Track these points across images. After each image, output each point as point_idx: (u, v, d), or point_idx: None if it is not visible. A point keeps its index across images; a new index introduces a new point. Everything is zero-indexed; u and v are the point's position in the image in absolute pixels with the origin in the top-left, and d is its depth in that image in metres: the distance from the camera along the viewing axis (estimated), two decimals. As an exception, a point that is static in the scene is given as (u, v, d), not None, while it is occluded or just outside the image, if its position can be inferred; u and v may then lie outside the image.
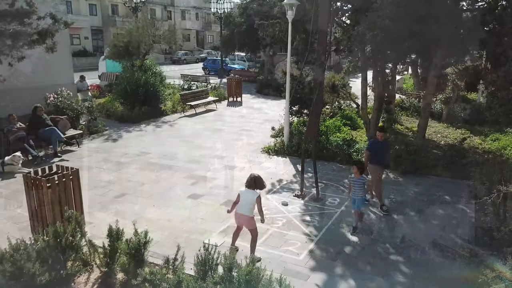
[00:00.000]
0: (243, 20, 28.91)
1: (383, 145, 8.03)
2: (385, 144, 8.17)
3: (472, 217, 7.55)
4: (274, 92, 22.93)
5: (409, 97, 20.53)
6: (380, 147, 7.93)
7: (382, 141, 7.99)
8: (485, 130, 15.26)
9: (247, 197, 5.97)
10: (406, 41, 9.54)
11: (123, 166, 10.45)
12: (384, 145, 8.13)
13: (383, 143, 8.05)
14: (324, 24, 7.74)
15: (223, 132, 14.24)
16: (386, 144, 8.35)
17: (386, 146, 8.33)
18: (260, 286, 4.55)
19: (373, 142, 8.19)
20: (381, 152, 7.92)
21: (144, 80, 16.29)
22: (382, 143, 8.00)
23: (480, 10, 9.24)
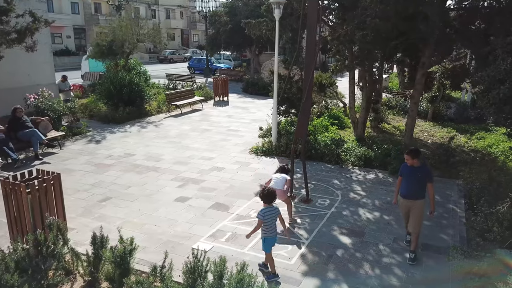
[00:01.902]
0: (228, 19, 28.65)
1: (411, 172, 6.08)
2: (415, 171, 6.03)
3: (463, 217, 7.51)
4: (261, 91, 22.76)
5: (395, 96, 20.64)
6: (409, 173, 6.12)
7: (411, 166, 6.08)
8: (471, 129, 15.41)
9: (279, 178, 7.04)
10: (395, 40, 9.49)
11: (107, 168, 10.16)
12: (414, 172, 6.04)
13: (414, 169, 6.06)
14: (313, 23, 7.61)
15: (210, 133, 14.02)
16: (418, 170, 6.02)
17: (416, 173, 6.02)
18: (252, 294, 4.39)
19: (403, 165, 6.27)
20: (408, 179, 6.10)
21: (128, 80, 15.94)
22: (411, 168, 6.09)
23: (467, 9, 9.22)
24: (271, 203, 5.57)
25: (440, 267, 5.83)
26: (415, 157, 6.03)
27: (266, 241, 5.53)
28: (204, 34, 66.99)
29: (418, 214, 6.01)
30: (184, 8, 61.19)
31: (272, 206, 5.59)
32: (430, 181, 6.04)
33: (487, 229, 5.87)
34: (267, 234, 5.50)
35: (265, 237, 5.54)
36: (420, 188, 6.04)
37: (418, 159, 6.04)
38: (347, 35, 9.44)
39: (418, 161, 6.04)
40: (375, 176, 9.82)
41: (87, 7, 47.41)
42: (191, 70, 35.11)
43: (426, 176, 6.02)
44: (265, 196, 5.55)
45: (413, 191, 6.07)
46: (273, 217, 5.53)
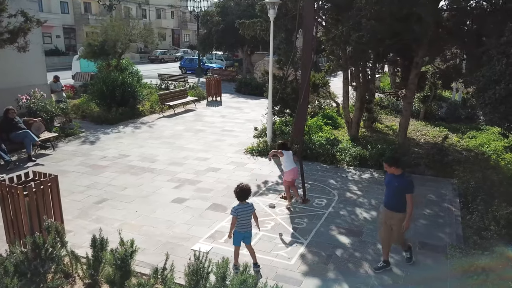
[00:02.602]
0: (220, 19, 28.59)
1: (390, 180, 5.71)
2: (393, 180, 5.65)
3: (458, 215, 7.61)
4: (253, 91, 22.78)
5: (387, 95, 20.80)
6: (388, 181, 5.77)
7: (392, 175, 5.69)
8: (462, 128, 15.60)
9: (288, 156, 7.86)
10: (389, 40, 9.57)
11: (102, 169, 10.08)
12: (392, 181, 5.67)
13: (393, 178, 5.67)
14: (309, 23, 7.63)
15: (205, 133, 13.99)
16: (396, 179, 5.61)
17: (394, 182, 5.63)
18: (256, 295, 4.39)
19: (386, 172, 5.87)
20: (388, 188, 5.80)
21: (121, 80, 15.82)
22: (391, 176, 5.72)
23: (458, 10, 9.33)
24: (244, 200, 5.71)
25: (439, 265, 5.89)
26: (392, 165, 5.60)
27: (235, 234, 5.70)
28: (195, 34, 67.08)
29: (398, 230, 5.62)
30: (175, 8, 60.90)
31: (246, 203, 5.71)
32: (409, 191, 5.50)
33: (484, 228, 5.95)
34: (237, 229, 5.66)
35: (235, 231, 5.68)
36: (398, 200, 5.58)
37: (396, 167, 5.58)
38: (343, 35, 9.49)
39: (397, 169, 5.58)
40: (371, 176, 9.89)
41: (77, 6, 46.96)
42: (183, 70, 34.96)
43: (403, 186, 5.51)
44: (239, 193, 5.67)
45: (391, 201, 5.69)
46: (247, 214, 5.66)
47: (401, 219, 5.60)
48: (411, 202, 5.55)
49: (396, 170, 5.61)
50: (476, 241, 5.75)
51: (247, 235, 5.75)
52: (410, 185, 5.56)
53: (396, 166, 5.60)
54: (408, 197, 5.53)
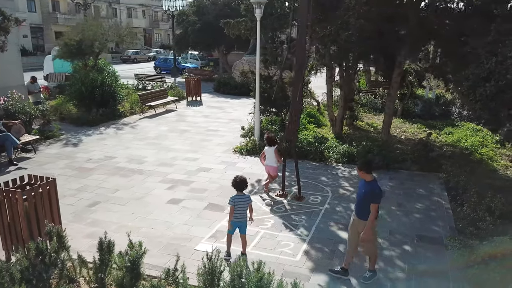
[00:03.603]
0: (197, 19, 28.37)
1: (360, 185, 5.55)
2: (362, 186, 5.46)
3: (449, 208, 7.91)
4: (233, 91, 22.76)
5: (364, 94, 21.25)
6: (359, 186, 5.61)
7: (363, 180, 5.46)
8: (438, 124, 16.14)
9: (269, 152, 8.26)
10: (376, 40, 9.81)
11: (90, 172, 9.85)
12: (361, 186, 5.50)
13: (363, 184, 5.44)
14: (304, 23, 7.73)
15: (190, 133, 13.88)
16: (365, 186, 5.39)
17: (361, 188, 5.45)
18: (273, 292, 4.43)
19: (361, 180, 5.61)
20: (357, 194, 5.65)
21: (100, 81, 15.47)
22: (361, 181, 5.53)
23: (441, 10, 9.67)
24: (242, 191, 5.98)
25: (438, 257, 6.12)
26: (361, 169, 5.38)
27: (232, 224, 5.94)
28: (167, 34, 66.27)
29: (365, 237, 5.32)
30: (146, 7, 59.92)
31: (243, 194, 5.98)
32: (374, 201, 5.21)
33: (478, 219, 6.22)
34: (234, 219, 5.89)
35: (232, 221, 5.92)
36: (362, 207, 5.34)
37: (365, 171, 5.32)
38: (331, 35, 9.65)
39: (366, 175, 5.33)
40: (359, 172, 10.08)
41: (45, 5, 45.42)
42: (158, 70, 34.46)
43: (369, 195, 5.23)
44: (237, 184, 5.94)
45: (357, 207, 5.48)
46: (243, 205, 5.91)
47: (363, 228, 5.34)
48: (373, 212, 5.24)
49: (365, 175, 5.35)
50: (472, 231, 6.00)
51: (242, 225, 6.01)
52: (375, 195, 5.24)
53: (365, 170, 5.34)
54: (372, 207, 5.23)
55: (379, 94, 20.16)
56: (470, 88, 6.94)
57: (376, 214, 5.34)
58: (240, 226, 6.01)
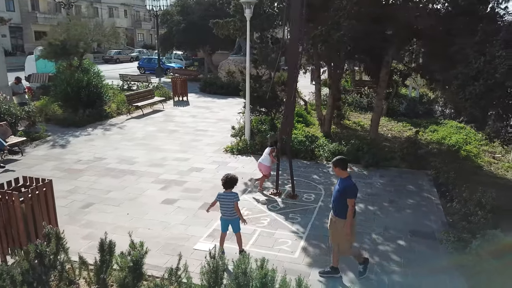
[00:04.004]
0: (181, 18, 28.22)
1: (337, 183, 5.59)
2: (338, 182, 5.53)
3: (439, 204, 8.12)
4: (219, 91, 22.74)
5: (350, 93, 21.51)
6: (336, 185, 5.60)
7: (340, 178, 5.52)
8: (423, 122, 16.48)
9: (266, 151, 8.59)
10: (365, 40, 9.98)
11: (80, 173, 9.73)
12: (337, 183, 5.56)
13: (339, 181, 5.52)
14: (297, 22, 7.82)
15: (179, 133, 13.83)
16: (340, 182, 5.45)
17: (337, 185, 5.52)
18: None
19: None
20: (333, 192, 5.64)
21: (86, 81, 15.28)
22: (339, 180, 5.55)
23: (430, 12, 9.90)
24: (229, 189, 6.02)
25: (432, 251, 6.29)
26: (336, 166, 5.42)
27: (221, 220, 6.09)
28: (149, 33, 65.60)
29: (338, 235, 5.44)
30: (128, 7, 59.21)
31: (230, 192, 6.00)
32: (348, 196, 5.25)
33: (470, 213, 6.41)
34: (222, 216, 6.03)
35: (220, 217, 6.08)
36: (339, 204, 5.36)
37: (341, 168, 5.37)
38: (322, 35, 9.78)
39: (341, 171, 5.39)
40: (350, 170, 10.24)
41: (24, 4, 44.42)
42: (141, 70, 34.14)
43: (343, 190, 5.29)
44: (225, 182, 6.03)
45: (333, 205, 5.52)
46: (227, 202, 5.94)
47: (342, 225, 5.36)
48: (351, 208, 5.24)
49: (341, 172, 5.39)
50: (464, 226, 6.18)
51: (231, 223, 6.02)
52: (349, 190, 5.26)
53: (340, 167, 5.38)
54: (348, 202, 5.24)
55: (364, 93, 20.47)
56: (459, 87, 7.15)
57: (354, 210, 5.33)
58: (230, 224, 6.04)
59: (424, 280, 5.52)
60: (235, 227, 6.06)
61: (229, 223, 6.04)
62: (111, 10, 55.81)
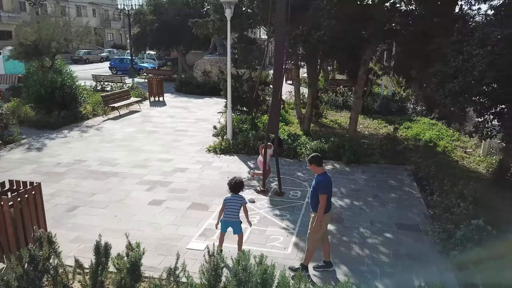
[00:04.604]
0: (155, 18, 27.87)
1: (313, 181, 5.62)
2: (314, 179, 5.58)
3: (420, 197, 8.44)
4: (195, 90, 22.64)
5: (325, 92, 21.89)
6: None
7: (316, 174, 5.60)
8: (397, 119, 16.98)
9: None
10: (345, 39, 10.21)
11: (61, 176, 9.51)
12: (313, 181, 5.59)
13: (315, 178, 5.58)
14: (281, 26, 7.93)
15: (158, 134, 13.70)
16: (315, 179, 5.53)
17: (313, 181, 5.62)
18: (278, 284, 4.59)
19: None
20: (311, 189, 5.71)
21: (60, 82, 14.89)
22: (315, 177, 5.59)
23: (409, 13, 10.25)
24: (235, 192, 6.08)
25: (418, 242, 6.55)
26: (311, 163, 5.54)
27: (221, 222, 6.05)
28: (119, 33, 64.30)
29: (310, 228, 5.54)
30: (97, 6, 57.82)
31: (237, 196, 6.05)
32: (320, 191, 5.36)
33: (452, 205, 6.72)
34: (223, 217, 5.99)
35: (221, 219, 6.03)
36: (313, 200, 5.50)
37: (316, 165, 5.50)
38: (303, 34, 9.94)
39: (316, 168, 5.51)
40: (333, 167, 10.48)
41: (-15, 2, 42.63)
42: (113, 70, 33.43)
43: (317, 186, 5.41)
44: (231, 186, 6.10)
45: (311, 201, 5.64)
46: (234, 205, 5.96)
47: (314, 219, 5.47)
48: (322, 203, 5.32)
49: (316, 168, 5.51)
50: (448, 217, 6.47)
51: (233, 225, 6.02)
52: (321, 185, 5.36)
53: (315, 164, 5.51)
54: (320, 198, 5.33)
55: (340, 92, 20.88)
56: (438, 84, 7.46)
57: (325, 206, 5.37)
58: (231, 226, 6.04)
59: (413, 270, 5.75)
60: (236, 229, 6.06)
61: (229, 225, 6.01)
62: (79, 9, 54.32)
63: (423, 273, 5.62)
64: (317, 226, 5.44)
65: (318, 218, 5.40)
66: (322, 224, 5.49)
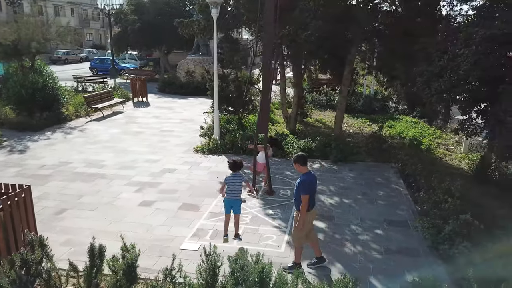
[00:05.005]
0: (136, 18, 27.55)
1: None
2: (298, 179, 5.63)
3: (407, 194, 8.62)
4: (179, 90, 22.51)
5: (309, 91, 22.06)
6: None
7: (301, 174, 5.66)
8: (380, 118, 17.26)
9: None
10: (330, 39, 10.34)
11: (46, 179, 9.33)
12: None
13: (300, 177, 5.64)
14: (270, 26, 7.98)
15: (145, 135, 13.58)
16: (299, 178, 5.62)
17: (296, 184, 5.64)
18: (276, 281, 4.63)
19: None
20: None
21: (41, 83, 14.61)
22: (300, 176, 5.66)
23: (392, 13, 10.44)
24: (235, 171, 6.43)
25: (408, 237, 6.69)
26: (295, 163, 5.61)
27: (225, 203, 6.41)
28: (98, 33, 63.26)
29: (296, 226, 5.58)
30: (75, 5, 56.75)
31: (237, 174, 6.42)
32: (301, 191, 5.42)
33: (439, 201, 6.89)
34: (226, 197, 6.36)
35: (224, 199, 6.39)
36: (297, 200, 5.55)
37: (300, 164, 5.56)
38: (290, 35, 10.02)
39: (300, 167, 5.57)
40: (320, 166, 10.60)
41: (-43, 1, 41.31)
42: (94, 71, 32.93)
43: (298, 186, 5.49)
44: (231, 165, 6.47)
45: (295, 200, 5.70)
46: (236, 183, 6.34)
47: (297, 218, 5.56)
48: (303, 203, 5.39)
49: (300, 168, 5.58)
50: (436, 213, 6.63)
51: (234, 203, 6.38)
52: (302, 185, 5.41)
53: (299, 163, 5.56)
54: (302, 198, 5.39)
55: (323, 92, 21.09)
56: (424, 83, 7.64)
57: (307, 205, 5.41)
58: (233, 205, 6.37)
59: (405, 265, 5.88)
60: (236, 208, 6.39)
61: (232, 204, 6.35)
62: (57, 9, 53.18)
63: (415, 268, 5.75)
64: (299, 225, 5.54)
65: (301, 217, 5.50)
66: (305, 222, 5.57)
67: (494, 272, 4.53)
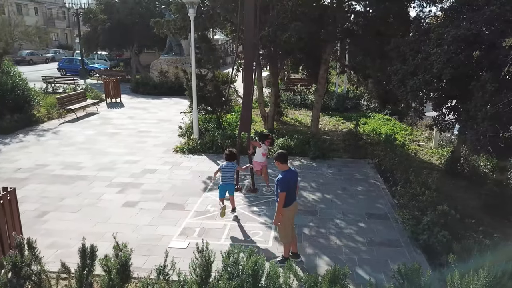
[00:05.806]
0: (106, 17, 27.03)
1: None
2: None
3: (385, 188, 8.97)
4: (152, 91, 22.31)
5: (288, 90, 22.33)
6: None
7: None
8: (353, 116, 17.73)
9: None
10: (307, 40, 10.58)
11: (24, 182, 9.11)
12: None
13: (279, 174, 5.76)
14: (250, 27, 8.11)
15: (121, 136, 13.41)
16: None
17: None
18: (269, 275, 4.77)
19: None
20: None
21: (11, 84, 14.18)
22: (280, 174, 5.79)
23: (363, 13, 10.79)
24: (230, 160, 7.29)
25: (389, 229, 6.99)
26: (276, 160, 5.77)
27: (220, 187, 7.27)
28: (64, 33, 61.51)
29: (275, 222, 5.81)
30: (38, 4, 54.93)
31: (230, 163, 7.27)
32: (280, 189, 5.57)
33: (417, 194, 7.23)
34: (221, 183, 7.21)
35: (220, 185, 7.28)
36: (277, 194, 5.70)
37: (280, 162, 5.73)
38: (269, 36, 10.18)
39: (281, 165, 5.73)
40: (300, 163, 10.83)
41: None
42: (62, 72, 32.05)
43: (277, 183, 5.64)
44: (227, 155, 7.35)
45: (275, 195, 5.84)
46: (229, 170, 7.20)
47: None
48: (280, 200, 5.54)
49: (280, 165, 5.73)
50: (414, 205, 6.96)
51: (229, 187, 7.26)
52: (279, 183, 5.57)
53: (280, 161, 5.72)
54: (279, 195, 5.56)
55: (297, 91, 21.42)
56: (400, 81, 7.99)
57: (283, 202, 5.56)
58: (228, 189, 7.23)
59: (388, 255, 6.16)
60: (231, 190, 7.30)
61: (227, 188, 7.18)
62: (19, 7, 51.33)
63: (397, 257, 6.04)
64: (276, 221, 5.76)
65: (277, 213, 5.66)
66: (284, 218, 5.70)
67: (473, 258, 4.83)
